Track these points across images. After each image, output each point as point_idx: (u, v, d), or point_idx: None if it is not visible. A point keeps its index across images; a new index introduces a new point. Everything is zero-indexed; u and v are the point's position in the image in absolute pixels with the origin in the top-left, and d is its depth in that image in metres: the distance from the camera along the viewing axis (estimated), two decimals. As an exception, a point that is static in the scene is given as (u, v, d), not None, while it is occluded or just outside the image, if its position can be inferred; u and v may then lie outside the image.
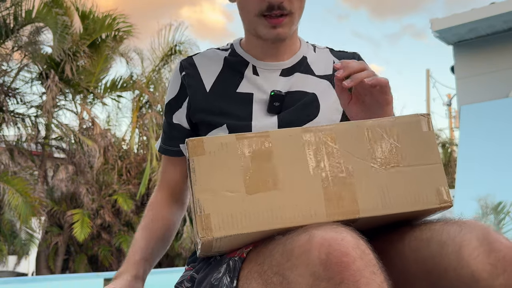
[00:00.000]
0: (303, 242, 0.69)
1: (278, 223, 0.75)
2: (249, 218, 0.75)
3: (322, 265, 0.66)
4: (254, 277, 0.77)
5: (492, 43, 7.69)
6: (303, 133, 0.79)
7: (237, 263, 0.82)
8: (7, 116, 8.85)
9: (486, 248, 0.73)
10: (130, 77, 10.89)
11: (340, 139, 0.79)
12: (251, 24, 1.09)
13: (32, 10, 8.61)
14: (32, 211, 7.98)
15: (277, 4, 1.03)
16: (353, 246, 0.67)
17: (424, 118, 0.82)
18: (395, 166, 0.79)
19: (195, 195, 0.75)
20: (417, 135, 0.81)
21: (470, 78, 7.86)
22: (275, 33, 1.07)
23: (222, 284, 0.82)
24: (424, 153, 0.80)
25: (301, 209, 0.76)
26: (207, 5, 43.44)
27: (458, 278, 0.74)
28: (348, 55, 1.23)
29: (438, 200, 0.79)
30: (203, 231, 0.74)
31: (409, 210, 0.78)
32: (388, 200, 0.77)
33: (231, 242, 0.79)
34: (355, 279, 0.64)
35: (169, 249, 10.99)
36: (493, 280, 0.72)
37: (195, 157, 0.76)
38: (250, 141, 0.78)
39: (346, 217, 0.76)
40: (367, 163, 0.79)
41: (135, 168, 10.89)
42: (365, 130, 0.80)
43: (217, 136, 0.78)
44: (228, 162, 0.76)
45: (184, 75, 1.14)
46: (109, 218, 9.82)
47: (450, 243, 0.76)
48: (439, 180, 0.80)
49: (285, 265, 0.71)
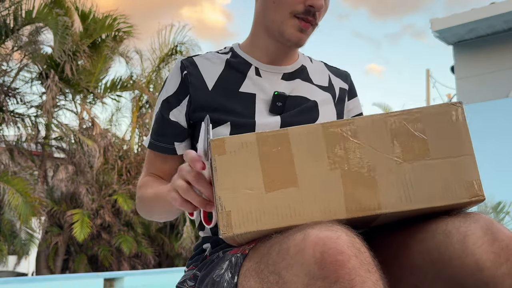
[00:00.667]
0: (298, 241, 0.69)
1: (296, 219, 0.75)
2: (267, 215, 0.75)
3: (317, 264, 0.66)
4: (252, 275, 0.77)
5: (492, 43, 7.70)
6: (323, 129, 0.78)
7: (239, 259, 0.82)
8: (7, 116, 8.84)
9: (490, 237, 0.74)
10: (130, 77, 10.89)
11: (362, 134, 0.78)
12: (277, 22, 1.09)
13: (32, 11, 8.60)
14: (32, 211, 7.98)
15: (317, 10, 1.06)
16: (348, 245, 0.67)
17: (454, 107, 0.79)
18: (421, 159, 0.77)
19: (217, 193, 0.77)
20: (446, 126, 0.78)
21: (470, 78, 7.86)
22: (300, 36, 1.09)
23: (224, 280, 0.82)
24: (453, 144, 0.77)
25: (320, 206, 0.75)
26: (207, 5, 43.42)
27: (462, 267, 0.74)
28: (341, 73, 1.28)
29: (468, 193, 0.76)
30: (224, 227, 0.76)
31: (436, 205, 0.76)
32: (413, 195, 0.76)
33: (253, 236, 0.80)
34: (350, 278, 0.64)
35: (169, 249, 10.99)
36: (497, 268, 0.73)
37: (217, 156, 0.78)
38: (269, 139, 0.78)
39: (366, 213, 0.75)
40: (390, 157, 0.77)
41: (135, 168, 10.88)
42: (389, 123, 0.78)
43: (238, 136, 0.79)
44: (248, 161, 0.77)
45: (185, 74, 1.14)
46: (109, 218, 9.82)
47: (455, 233, 0.76)
48: (470, 172, 0.76)
49: (280, 264, 0.71)
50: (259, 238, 0.80)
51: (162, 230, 11.03)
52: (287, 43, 1.11)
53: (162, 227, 10.91)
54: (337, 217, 0.75)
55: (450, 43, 8.08)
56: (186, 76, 1.14)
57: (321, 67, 1.26)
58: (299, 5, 1.06)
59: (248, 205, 0.76)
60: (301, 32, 1.08)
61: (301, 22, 1.07)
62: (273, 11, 1.09)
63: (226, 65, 1.16)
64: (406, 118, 0.78)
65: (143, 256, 10.38)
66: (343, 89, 1.25)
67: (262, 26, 1.14)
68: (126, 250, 9.78)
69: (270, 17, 1.11)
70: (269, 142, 0.78)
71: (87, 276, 7.57)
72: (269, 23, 1.12)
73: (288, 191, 0.76)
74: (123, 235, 9.98)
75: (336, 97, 1.22)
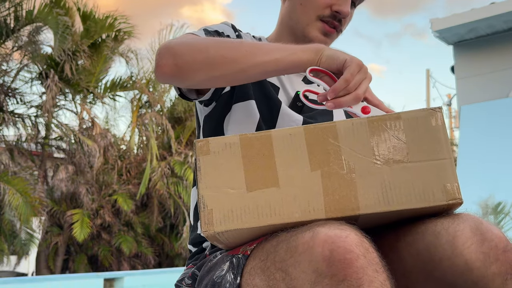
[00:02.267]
0: (307, 239, 0.70)
1: (277, 219, 0.77)
2: (248, 214, 0.77)
3: (325, 262, 0.66)
4: (257, 273, 0.77)
5: (492, 43, 7.70)
6: (305, 132, 0.80)
7: (241, 260, 0.82)
8: (7, 116, 8.85)
9: (479, 237, 0.75)
10: (130, 77, 10.89)
11: (342, 136, 0.79)
12: (303, 23, 1.11)
13: (33, 11, 8.60)
14: (33, 211, 7.98)
15: (343, 16, 1.08)
16: (356, 244, 0.67)
17: (434, 112, 0.81)
18: (399, 162, 0.78)
19: (200, 192, 0.79)
20: (425, 130, 0.79)
21: (470, 78, 7.86)
22: (323, 40, 1.11)
23: (226, 281, 0.82)
24: (432, 148, 0.79)
25: (300, 205, 0.77)
26: (208, 5, 43.40)
27: (452, 267, 0.75)
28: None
29: (445, 196, 0.77)
30: (206, 225, 0.78)
31: (414, 207, 0.77)
32: (391, 197, 0.77)
33: (235, 236, 0.81)
34: (358, 277, 0.65)
35: (169, 249, 10.99)
36: (486, 268, 0.73)
37: (201, 156, 0.80)
38: (252, 141, 0.80)
39: (345, 214, 0.76)
40: (369, 159, 0.78)
41: (135, 168, 10.89)
42: (369, 126, 0.80)
43: (222, 137, 0.81)
44: (231, 161, 0.79)
45: (238, 35, 1.14)
46: (109, 218, 9.82)
47: (444, 234, 0.76)
48: (448, 176, 0.78)
49: (288, 261, 0.71)
50: (263, 237, 0.81)
51: (162, 230, 11.03)
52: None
53: (162, 227, 10.91)
54: (316, 217, 0.76)
55: (450, 43, 8.08)
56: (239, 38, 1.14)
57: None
58: (326, 10, 1.08)
59: (230, 204, 0.78)
60: (325, 36, 1.11)
61: (325, 26, 1.09)
62: (300, 13, 1.11)
63: None
64: (386, 122, 0.80)
65: (143, 256, 10.38)
66: None
67: (287, 27, 1.16)
68: (126, 250, 9.78)
69: (296, 19, 1.13)
70: (252, 143, 0.80)
71: (87, 276, 7.58)
72: (294, 24, 1.14)
73: (269, 191, 0.78)
74: (123, 235, 9.98)
75: None
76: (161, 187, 9.97)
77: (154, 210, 10.39)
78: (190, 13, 46.20)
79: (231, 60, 0.90)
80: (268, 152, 0.79)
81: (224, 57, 0.90)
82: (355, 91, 0.87)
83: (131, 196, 10.22)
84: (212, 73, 0.91)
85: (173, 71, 0.91)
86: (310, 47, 0.92)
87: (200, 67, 0.90)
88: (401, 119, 0.80)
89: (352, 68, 0.86)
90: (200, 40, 0.94)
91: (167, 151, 10.90)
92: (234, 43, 0.93)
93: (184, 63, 0.90)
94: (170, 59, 0.90)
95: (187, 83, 0.96)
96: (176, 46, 0.91)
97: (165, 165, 10.17)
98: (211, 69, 0.91)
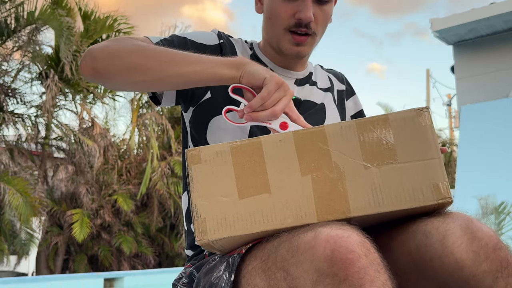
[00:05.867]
0: (309, 238, 0.70)
1: (269, 225, 0.78)
2: (241, 221, 0.78)
3: (327, 261, 0.66)
4: (258, 273, 0.77)
5: (492, 43, 7.70)
6: (294, 137, 0.81)
7: (236, 259, 0.83)
8: (7, 116, 8.85)
9: (469, 236, 0.75)
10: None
11: (331, 140, 0.80)
12: (275, 37, 1.13)
13: (35, 12, 8.60)
14: (33, 211, 7.98)
15: (305, 22, 1.08)
16: (358, 244, 0.67)
17: (421, 112, 0.81)
18: (388, 163, 0.78)
19: (193, 201, 0.80)
20: (414, 130, 0.80)
21: (470, 78, 7.86)
22: (297, 50, 1.12)
23: (222, 281, 0.82)
24: (421, 148, 0.79)
25: (292, 211, 0.78)
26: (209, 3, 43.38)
27: (443, 266, 0.75)
28: (336, 73, 1.33)
29: (435, 196, 0.77)
30: (200, 234, 0.79)
31: (404, 208, 0.77)
32: (381, 198, 0.77)
33: (229, 243, 0.82)
34: (360, 276, 0.65)
35: (169, 249, 11.00)
36: (477, 267, 0.73)
37: (193, 165, 0.81)
38: (243, 148, 0.81)
39: (336, 217, 0.77)
40: (359, 162, 0.79)
41: (135, 168, 10.89)
42: (357, 129, 0.80)
43: (212, 145, 0.82)
44: (222, 169, 0.80)
45: (222, 43, 1.15)
46: (109, 218, 9.82)
47: (434, 233, 0.77)
48: (437, 175, 0.78)
49: (289, 261, 0.71)
50: (263, 239, 0.81)
51: (162, 230, 11.04)
52: (287, 57, 1.15)
53: (162, 227, 10.92)
54: (308, 222, 0.76)
55: (450, 43, 8.08)
56: (222, 45, 1.15)
57: (320, 70, 1.31)
58: (290, 19, 1.09)
59: (223, 211, 0.79)
60: (298, 46, 1.11)
61: (294, 36, 1.10)
62: (270, 28, 1.14)
63: (250, 59, 1.18)
64: (374, 124, 0.80)
65: (143, 256, 10.38)
66: (340, 90, 1.30)
67: (266, 41, 1.18)
68: (126, 250, 9.78)
69: (270, 33, 1.15)
70: (243, 150, 0.81)
71: (87, 276, 7.57)
72: (269, 38, 1.16)
73: (261, 198, 0.79)
74: (123, 235, 9.98)
75: (336, 98, 1.27)
76: (161, 187, 9.98)
77: (154, 210, 10.39)
78: (191, 12, 46.27)
79: (147, 69, 0.92)
80: (259, 158, 0.80)
81: (139, 65, 0.92)
82: (272, 108, 0.90)
83: (131, 196, 10.22)
84: (129, 80, 0.94)
85: (90, 74, 0.94)
86: (233, 62, 0.94)
87: (116, 72, 0.93)
88: (389, 120, 0.80)
89: (270, 86, 0.89)
90: (125, 46, 0.94)
91: (167, 151, 10.90)
92: (156, 52, 0.93)
93: (101, 67, 0.93)
94: (88, 62, 0.93)
95: (108, 86, 0.99)
96: (97, 50, 0.93)
97: (165, 165, 10.18)
98: (128, 76, 0.93)
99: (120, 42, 0.96)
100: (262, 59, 1.19)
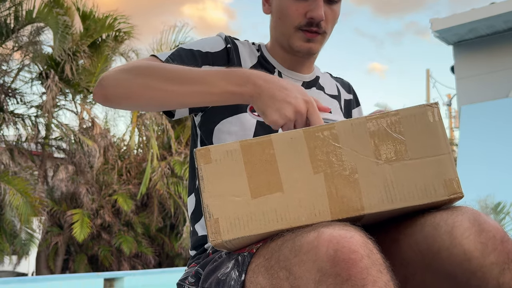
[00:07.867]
0: (311, 238, 0.70)
1: (283, 224, 0.77)
2: (254, 221, 0.77)
3: (330, 261, 0.67)
4: (261, 271, 0.78)
5: (492, 43, 7.70)
6: (305, 134, 0.80)
7: (246, 257, 0.83)
8: (7, 116, 8.85)
9: (477, 228, 0.76)
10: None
11: (343, 137, 0.80)
12: (286, 36, 1.15)
13: (33, 10, 8.61)
14: (33, 211, 7.98)
15: (317, 21, 1.10)
16: (361, 244, 0.68)
17: (431, 108, 0.81)
18: (400, 160, 0.79)
19: (204, 201, 0.79)
20: (423, 127, 0.80)
21: (470, 78, 7.86)
22: (308, 46, 1.14)
23: (230, 279, 0.83)
24: (431, 144, 0.79)
25: (305, 209, 0.77)
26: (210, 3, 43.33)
27: (451, 257, 0.76)
28: (344, 83, 1.35)
29: (447, 191, 0.78)
30: (213, 235, 0.78)
31: (417, 204, 0.78)
32: (394, 195, 0.78)
33: (242, 243, 0.82)
34: (362, 277, 0.65)
35: (169, 249, 11.00)
36: (484, 258, 0.74)
37: (203, 165, 0.80)
38: (253, 146, 0.80)
39: (350, 215, 0.77)
40: (371, 159, 0.79)
41: (135, 168, 10.89)
42: (368, 126, 0.80)
43: (222, 144, 0.81)
44: (233, 168, 0.79)
45: (229, 47, 1.16)
46: (109, 218, 9.83)
47: (442, 224, 0.78)
48: (448, 171, 0.79)
49: (292, 261, 0.72)
50: (268, 237, 0.81)
51: (162, 230, 11.04)
52: (298, 54, 1.16)
53: (162, 227, 10.92)
54: (322, 220, 0.76)
55: (450, 43, 8.09)
56: (229, 50, 1.16)
57: (328, 77, 1.32)
58: (301, 18, 1.11)
59: (235, 211, 0.78)
60: (309, 42, 1.13)
61: (306, 33, 1.12)
62: (280, 27, 1.15)
63: (258, 61, 1.20)
64: (385, 120, 0.81)
65: (143, 256, 10.38)
66: (348, 100, 1.32)
67: (276, 40, 1.20)
68: (126, 250, 9.78)
69: (280, 32, 1.16)
70: (253, 149, 0.80)
71: (87, 276, 7.58)
72: (279, 36, 1.17)
73: (274, 197, 0.78)
74: (123, 235, 9.98)
75: (342, 107, 1.29)
76: (161, 187, 9.98)
77: (154, 210, 10.40)
78: (192, 11, 46.26)
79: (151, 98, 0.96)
80: (270, 157, 0.79)
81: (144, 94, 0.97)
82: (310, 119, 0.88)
83: (131, 196, 10.22)
84: (136, 107, 1.02)
85: (101, 100, 1.01)
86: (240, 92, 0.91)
87: (123, 100, 0.99)
88: (399, 116, 0.81)
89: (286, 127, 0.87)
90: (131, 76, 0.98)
91: (167, 151, 10.90)
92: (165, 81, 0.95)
93: (109, 95, 0.99)
94: (98, 89, 1.00)
95: (119, 108, 1.07)
96: (106, 78, 1.00)
97: (165, 165, 10.18)
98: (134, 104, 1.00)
99: (128, 71, 1.00)
100: (270, 61, 1.20)
